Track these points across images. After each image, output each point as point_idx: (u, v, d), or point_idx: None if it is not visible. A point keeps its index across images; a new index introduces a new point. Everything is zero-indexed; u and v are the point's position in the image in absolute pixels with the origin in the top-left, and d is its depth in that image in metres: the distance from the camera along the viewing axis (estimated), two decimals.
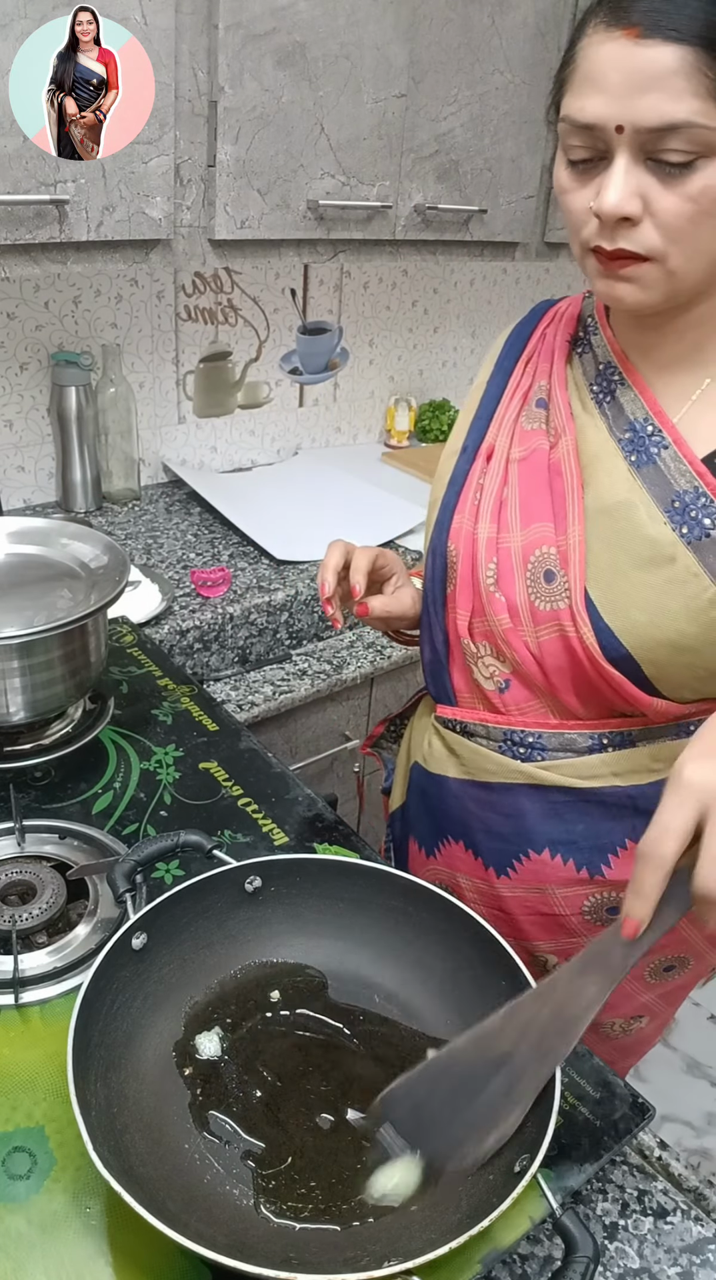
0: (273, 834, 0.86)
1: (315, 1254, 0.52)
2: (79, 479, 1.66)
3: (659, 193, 0.65)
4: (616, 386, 0.80)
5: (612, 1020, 0.99)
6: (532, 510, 0.82)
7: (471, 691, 0.89)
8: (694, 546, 0.74)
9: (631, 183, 0.65)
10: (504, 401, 0.88)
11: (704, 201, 0.64)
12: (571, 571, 0.78)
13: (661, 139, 0.62)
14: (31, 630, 0.83)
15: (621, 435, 0.78)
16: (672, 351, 0.77)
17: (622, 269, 0.69)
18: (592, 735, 0.83)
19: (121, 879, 0.69)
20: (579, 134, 0.67)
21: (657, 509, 0.75)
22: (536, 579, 0.80)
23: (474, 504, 0.86)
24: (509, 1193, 0.50)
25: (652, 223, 0.66)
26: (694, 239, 0.66)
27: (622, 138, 0.64)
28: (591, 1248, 0.51)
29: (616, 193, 0.65)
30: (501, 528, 0.83)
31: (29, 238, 1.14)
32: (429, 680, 0.95)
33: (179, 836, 0.73)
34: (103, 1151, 0.50)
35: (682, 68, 0.61)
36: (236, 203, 1.32)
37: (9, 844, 0.81)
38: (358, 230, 1.48)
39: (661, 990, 0.97)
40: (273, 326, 1.90)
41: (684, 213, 0.65)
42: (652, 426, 0.76)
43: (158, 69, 1.15)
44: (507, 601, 0.82)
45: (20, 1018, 0.67)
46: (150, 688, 1.06)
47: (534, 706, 0.84)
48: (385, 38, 1.37)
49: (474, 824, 0.91)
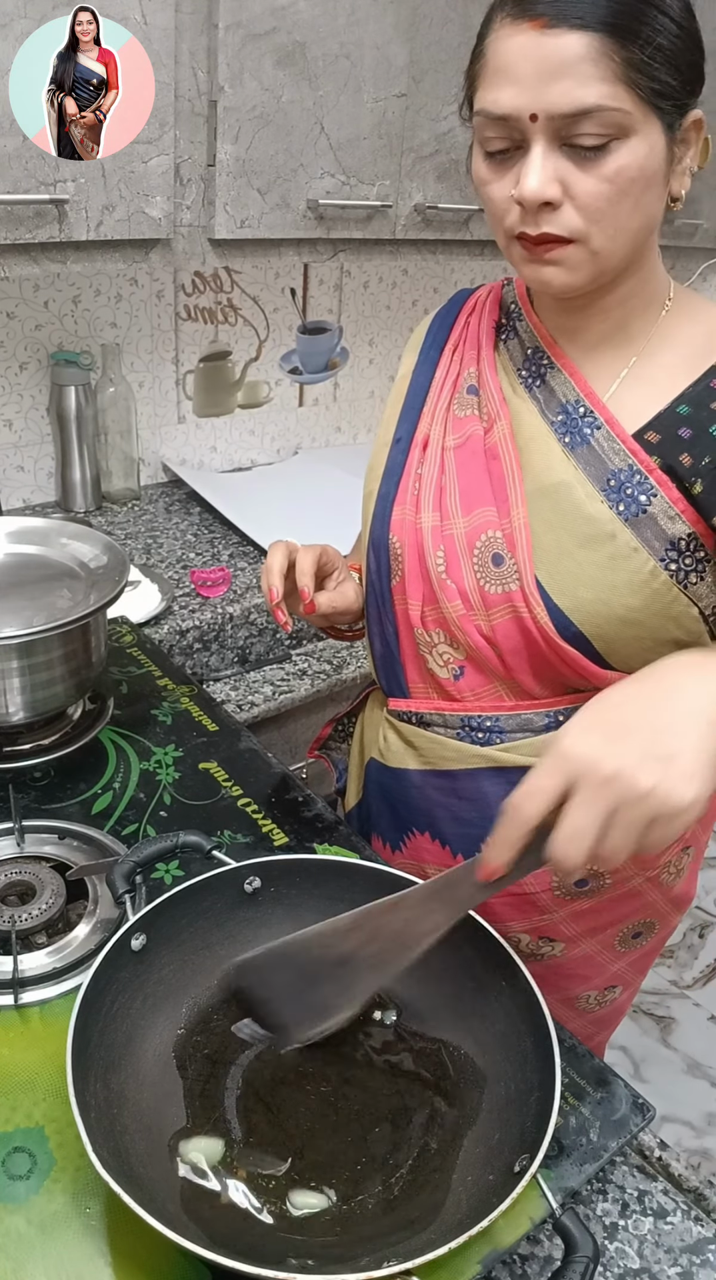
0: (272, 834, 0.86)
1: (315, 1254, 0.52)
2: (78, 479, 1.66)
3: (577, 176, 0.67)
4: (546, 370, 0.81)
5: (588, 994, 1.00)
6: (473, 496, 0.83)
7: (425, 681, 0.90)
8: (631, 523, 0.76)
9: (549, 168, 0.67)
10: (434, 390, 0.89)
11: (619, 181, 0.67)
12: (519, 554, 0.79)
13: (574, 124, 0.65)
14: (31, 630, 0.83)
15: (554, 418, 0.80)
16: (598, 331, 0.79)
17: (547, 253, 0.71)
18: (548, 713, 0.84)
19: (121, 880, 0.69)
20: (494, 126, 0.69)
21: (594, 488, 0.76)
22: (484, 563, 0.82)
23: (413, 494, 0.87)
24: (508, 1193, 0.50)
25: (572, 205, 0.68)
26: (613, 218, 0.69)
27: (537, 126, 0.66)
28: (591, 1248, 0.51)
29: (535, 178, 0.67)
30: (444, 515, 0.84)
31: (29, 237, 1.14)
32: (380, 674, 0.96)
33: (178, 837, 0.73)
34: (102, 1153, 0.50)
35: (589, 54, 0.63)
36: (236, 202, 1.32)
37: (9, 844, 0.81)
38: (357, 230, 1.48)
39: (631, 958, 1.00)
40: (272, 326, 1.90)
41: (602, 193, 0.67)
42: (584, 408, 0.78)
43: (158, 69, 1.15)
44: (458, 588, 0.83)
45: (20, 1018, 0.67)
46: (150, 688, 1.06)
47: (488, 690, 0.86)
48: (385, 37, 1.37)
49: (439, 814, 0.92)
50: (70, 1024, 0.56)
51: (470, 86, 0.72)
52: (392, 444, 0.90)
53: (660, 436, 0.75)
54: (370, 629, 0.95)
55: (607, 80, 0.64)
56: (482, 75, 0.69)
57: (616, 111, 0.64)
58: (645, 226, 0.71)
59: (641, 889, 0.93)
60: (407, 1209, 0.56)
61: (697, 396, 0.75)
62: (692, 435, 0.74)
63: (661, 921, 0.98)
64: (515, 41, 0.65)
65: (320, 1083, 0.63)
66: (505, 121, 0.68)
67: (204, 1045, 0.64)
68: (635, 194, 0.68)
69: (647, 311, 0.79)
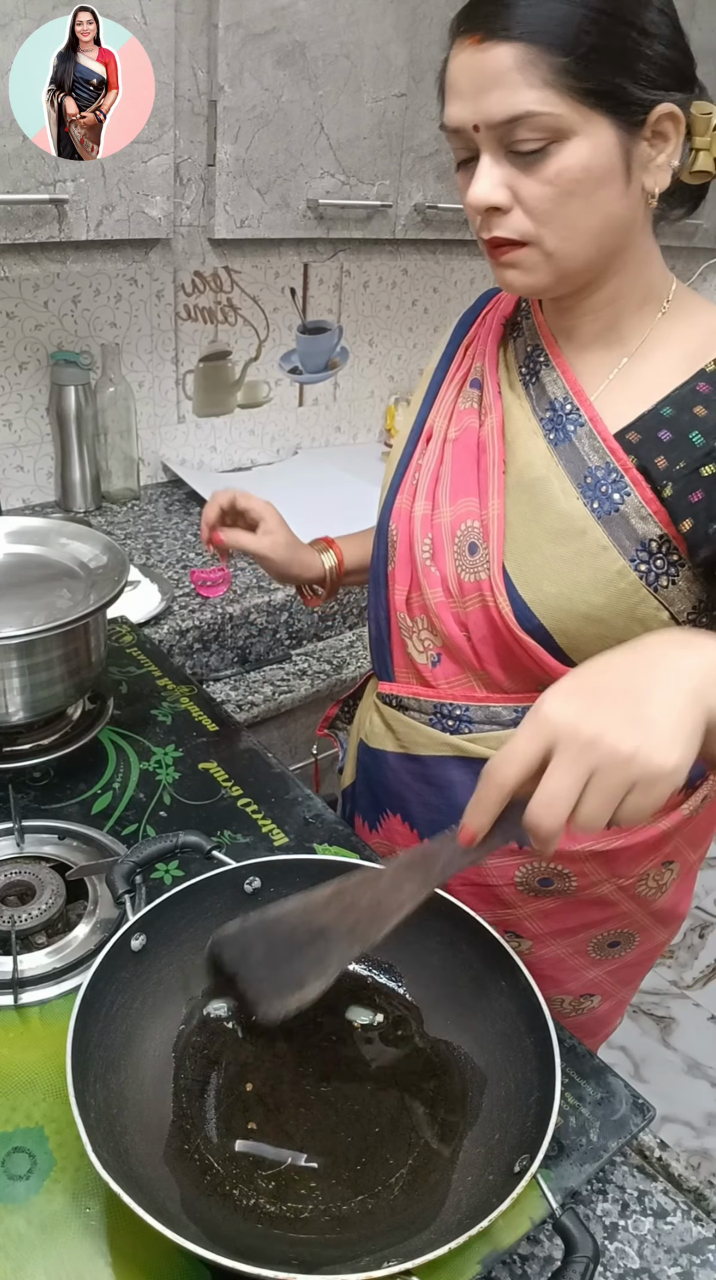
0: (272, 834, 0.86)
1: (315, 1254, 0.52)
2: (78, 479, 1.66)
3: (522, 181, 0.70)
4: (541, 368, 0.83)
5: (562, 997, 1.00)
6: (460, 486, 0.85)
7: (407, 666, 0.92)
8: (603, 521, 0.76)
9: (495, 175, 0.70)
10: (445, 385, 0.92)
11: (561, 182, 0.69)
12: (491, 544, 0.81)
13: (511, 130, 0.68)
14: (31, 630, 0.83)
15: (542, 414, 0.81)
16: (590, 331, 0.81)
17: (504, 255, 0.74)
18: (517, 709, 0.85)
19: (120, 880, 0.69)
20: (453, 138, 0.73)
21: (571, 484, 0.77)
22: (462, 552, 0.83)
23: (413, 484, 0.90)
24: (509, 1193, 0.50)
25: (521, 209, 0.71)
26: (562, 219, 0.71)
27: (481, 135, 0.70)
28: (591, 1248, 0.51)
29: (480, 185, 0.70)
30: (434, 505, 0.87)
31: (28, 237, 1.14)
32: (373, 657, 0.98)
33: (178, 837, 0.73)
34: (102, 1153, 0.50)
35: (517, 63, 0.66)
36: (236, 202, 1.32)
37: (8, 844, 0.81)
38: (357, 229, 1.48)
39: (609, 968, 0.99)
40: (272, 326, 1.90)
41: (546, 195, 0.70)
42: (571, 405, 0.79)
43: (157, 68, 1.14)
44: (440, 574, 0.85)
45: (20, 1018, 0.67)
46: (150, 688, 1.06)
47: (462, 680, 0.87)
48: (385, 37, 1.37)
49: (409, 796, 0.94)
50: (70, 1024, 0.56)
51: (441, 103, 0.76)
52: (408, 438, 0.93)
53: (640, 437, 0.76)
54: (369, 612, 0.98)
55: (536, 86, 0.66)
56: (444, 93, 0.73)
57: (547, 115, 0.67)
58: (607, 226, 0.72)
59: (613, 897, 0.93)
60: (408, 1209, 0.56)
61: (682, 399, 0.75)
62: (671, 439, 0.75)
63: (642, 935, 0.97)
64: (460, 59, 0.70)
65: (319, 1083, 0.63)
66: (458, 134, 0.72)
67: (204, 1046, 0.64)
68: (582, 194, 0.69)
69: (641, 312, 0.79)
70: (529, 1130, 0.55)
